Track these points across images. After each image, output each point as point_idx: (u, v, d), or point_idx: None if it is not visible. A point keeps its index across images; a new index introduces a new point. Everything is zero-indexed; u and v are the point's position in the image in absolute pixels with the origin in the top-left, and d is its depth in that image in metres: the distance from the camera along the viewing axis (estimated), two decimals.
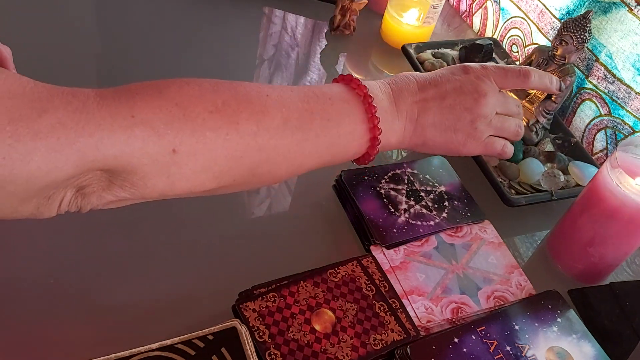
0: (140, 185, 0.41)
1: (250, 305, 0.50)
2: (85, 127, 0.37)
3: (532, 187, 0.69)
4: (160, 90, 0.41)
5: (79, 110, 0.37)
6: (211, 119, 0.42)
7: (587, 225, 0.59)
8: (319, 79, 0.83)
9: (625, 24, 0.71)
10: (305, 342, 0.49)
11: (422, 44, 0.84)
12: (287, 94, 0.49)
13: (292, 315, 0.50)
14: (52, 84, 0.39)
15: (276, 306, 0.50)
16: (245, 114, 0.44)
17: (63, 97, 0.37)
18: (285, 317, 0.50)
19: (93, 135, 0.37)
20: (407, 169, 0.66)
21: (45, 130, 0.35)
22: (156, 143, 0.40)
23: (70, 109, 0.37)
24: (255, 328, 0.48)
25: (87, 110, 0.37)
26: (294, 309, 0.50)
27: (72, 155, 0.36)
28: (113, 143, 0.38)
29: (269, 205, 0.65)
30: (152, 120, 0.40)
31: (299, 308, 0.51)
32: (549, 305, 0.56)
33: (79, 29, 0.81)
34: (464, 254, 0.60)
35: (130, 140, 0.39)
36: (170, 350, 0.45)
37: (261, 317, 0.49)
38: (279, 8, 0.93)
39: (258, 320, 0.49)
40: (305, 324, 0.50)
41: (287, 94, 0.49)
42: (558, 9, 0.82)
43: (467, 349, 0.51)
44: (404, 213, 0.62)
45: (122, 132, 0.38)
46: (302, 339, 0.49)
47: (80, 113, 0.37)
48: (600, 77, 0.76)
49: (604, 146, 0.76)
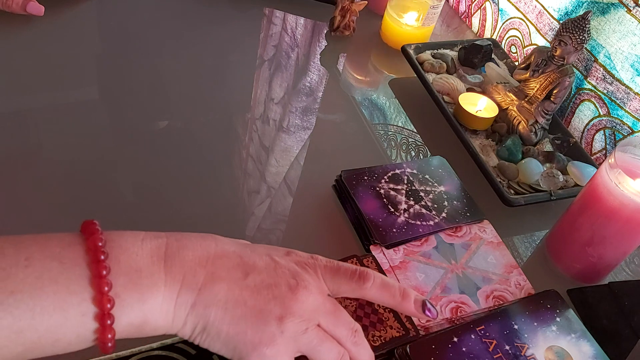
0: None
1: None
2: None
3: (531, 187, 0.69)
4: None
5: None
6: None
7: (585, 225, 0.59)
8: (319, 79, 0.83)
9: (624, 25, 0.71)
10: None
11: (422, 44, 0.85)
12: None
13: None
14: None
15: None
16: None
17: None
18: None
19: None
20: (407, 169, 0.67)
21: None
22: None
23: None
24: None
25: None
26: None
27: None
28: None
29: (269, 205, 0.65)
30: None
31: None
32: (548, 305, 0.56)
33: (79, 28, 0.81)
34: (464, 254, 0.61)
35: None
36: (171, 350, 0.46)
37: None
38: (279, 9, 0.93)
39: None
40: None
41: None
42: (557, 10, 0.82)
43: (466, 348, 0.51)
44: (403, 213, 0.62)
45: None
46: None
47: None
48: (599, 77, 0.76)
49: (602, 146, 0.76)
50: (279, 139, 0.73)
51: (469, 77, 0.83)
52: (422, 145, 0.76)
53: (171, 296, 0.36)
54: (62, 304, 0.33)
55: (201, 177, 0.65)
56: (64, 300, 0.33)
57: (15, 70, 0.71)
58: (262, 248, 0.42)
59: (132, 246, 0.36)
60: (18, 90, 0.69)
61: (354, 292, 0.43)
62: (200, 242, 0.39)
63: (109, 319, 0.34)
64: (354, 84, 0.85)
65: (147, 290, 0.36)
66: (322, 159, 0.72)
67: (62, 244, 0.35)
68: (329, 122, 0.78)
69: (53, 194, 0.59)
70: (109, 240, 0.36)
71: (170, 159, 0.67)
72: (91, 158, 0.64)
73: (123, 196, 0.62)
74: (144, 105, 0.72)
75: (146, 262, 0.36)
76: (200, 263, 0.38)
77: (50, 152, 0.65)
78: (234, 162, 0.70)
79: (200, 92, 0.76)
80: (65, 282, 0.33)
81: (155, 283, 0.36)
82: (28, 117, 0.67)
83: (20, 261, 0.33)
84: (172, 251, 0.37)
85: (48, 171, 0.62)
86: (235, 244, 0.41)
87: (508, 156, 0.72)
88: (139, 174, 0.64)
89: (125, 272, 0.35)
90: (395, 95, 0.83)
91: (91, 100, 0.73)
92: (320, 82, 0.83)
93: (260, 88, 0.80)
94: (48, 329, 0.33)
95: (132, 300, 0.35)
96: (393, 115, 0.80)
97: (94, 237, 0.35)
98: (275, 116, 0.76)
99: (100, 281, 0.34)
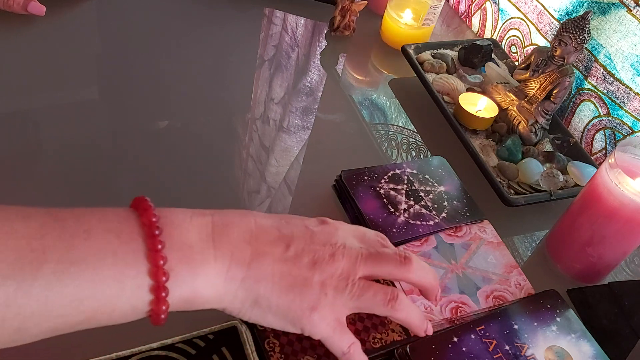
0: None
1: None
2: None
3: (531, 187, 0.69)
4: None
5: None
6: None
7: (585, 225, 0.59)
8: (319, 79, 0.83)
9: (624, 25, 0.71)
10: (304, 334, 0.49)
11: (422, 44, 0.85)
12: (12, 223, 0.33)
13: None
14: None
15: None
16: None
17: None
18: None
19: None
20: (407, 169, 0.67)
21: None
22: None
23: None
24: None
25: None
26: None
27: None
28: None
29: (269, 205, 0.65)
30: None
31: None
32: (548, 305, 0.56)
33: (80, 28, 0.81)
34: (463, 254, 0.61)
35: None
36: (171, 350, 0.46)
37: None
38: (279, 9, 0.93)
39: None
40: None
41: (10, 224, 0.33)
42: (557, 10, 0.82)
43: (466, 348, 0.51)
44: (403, 213, 0.62)
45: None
46: None
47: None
48: (599, 77, 0.76)
49: (602, 146, 0.76)
50: (279, 139, 0.73)
51: (469, 77, 0.83)
52: (422, 145, 0.76)
53: (222, 271, 0.38)
54: (120, 276, 0.34)
55: (201, 177, 0.65)
56: (121, 272, 0.35)
57: (15, 70, 0.71)
58: (296, 219, 0.44)
59: (183, 222, 0.38)
60: (18, 90, 0.69)
61: (382, 247, 0.45)
62: (241, 219, 0.41)
63: (164, 292, 0.35)
64: (354, 84, 0.85)
65: (199, 265, 0.37)
66: (322, 159, 0.72)
67: (119, 218, 0.36)
68: (329, 122, 0.78)
69: (53, 194, 0.59)
70: (161, 217, 0.37)
71: (170, 159, 0.67)
72: (91, 158, 0.64)
73: (123, 196, 0.62)
74: (144, 105, 0.72)
75: (196, 238, 0.38)
76: (245, 239, 0.40)
77: (50, 152, 0.65)
78: (234, 162, 0.70)
79: (200, 92, 0.76)
80: (123, 255, 0.35)
81: (206, 259, 0.38)
82: (28, 117, 0.67)
83: (80, 233, 0.34)
84: (218, 229, 0.39)
85: (48, 171, 0.62)
86: (271, 218, 0.43)
87: (508, 156, 0.72)
88: (139, 174, 0.64)
89: (178, 248, 0.37)
90: (395, 95, 0.83)
91: (91, 100, 0.73)
92: (320, 82, 0.83)
93: (261, 88, 0.80)
94: (106, 299, 0.34)
95: (185, 274, 0.37)
96: (393, 115, 0.80)
97: (147, 212, 0.37)
98: (275, 116, 0.76)
99: (156, 255, 0.35)
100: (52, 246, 0.33)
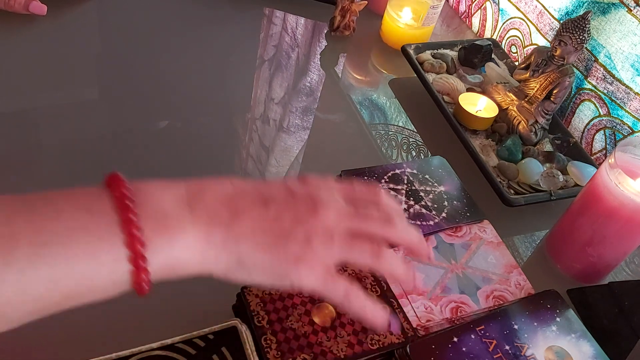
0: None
1: (254, 290, 0.51)
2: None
3: (531, 187, 0.69)
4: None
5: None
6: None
7: (585, 225, 0.59)
8: (319, 79, 0.83)
9: (625, 25, 0.71)
10: (302, 333, 0.49)
11: (422, 44, 0.85)
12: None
13: (293, 305, 0.51)
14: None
15: (279, 294, 0.51)
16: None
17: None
18: (286, 306, 0.50)
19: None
20: (407, 169, 0.67)
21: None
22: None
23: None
24: (255, 312, 0.49)
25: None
26: (296, 299, 0.51)
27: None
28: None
29: None
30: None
31: (301, 299, 0.51)
32: (548, 305, 0.56)
33: (80, 28, 0.81)
34: (463, 254, 0.61)
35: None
36: (171, 350, 0.46)
37: (262, 303, 0.50)
38: (279, 9, 0.93)
39: (259, 306, 0.50)
40: (305, 315, 0.50)
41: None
42: (557, 10, 0.82)
43: (466, 348, 0.51)
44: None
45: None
46: (299, 329, 0.49)
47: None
48: (599, 77, 0.76)
49: (602, 146, 0.76)
50: (279, 139, 0.73)
51: (469, 77, 0.83)
52: (422, 145, 0.76)
53: (200, 236, 0.37)
54: (95, 251, 0.34)
55: (201, 177, 0.65)
56: (96, 247, 0.34)
57: (15, 70, 0.71)
58: (276, 181, 0.44)
59: (156, 191, 0.38)
60: (18, 90, 0.70)
61: (372, 199, 0.44)
62: (217, 183, 0.40)
63: (142, 260, 0.35)
64: (354, 84, 0.85)
65: (176, 232, 0.37)
66: (322, 159, 0.72)
67: (90, 195, 0.36)
68: (329, 122, 0.78)
69: None
70: (134, 189, 0.37)
71: (170, 158, 0.67)
72: (91, 158, 0.64)
73: None
74: (144, 105, 0.72)
75: (171, 205, 0.38)
76: (222, 202, 0.39)
77: (50, 152, 0.65)
78: (234, 162, 0.70)
79: (200, 92, 0.76)
80: (96, 230, 0.34)
81: (182, 224, 0.37)
82: (28, 117, 0.68)
83: (49, 213, 0.34)
84: (194, 194, 0.39)
85: (48, 171, 0.62)
86: (250, 182, 0.42)
87: (508, 156, 0.72)
88: (139, 174, 0.64)
89: (152, 216, 0.36)
90: (395, 95, 0.83)
91: (91, 100, 0.73)
92: (320, 82, 0.83)
93: (261, 88, 0.80)
94: (83, 276, 0.34)
95: (162, 241, 0.36)
96: (393, 115, 0.80)
97: (119, 185, 0.36)
98: (275, 116, 0.76)
99: (130, 225, 0.35)
100: (21, 230, 0.32)
